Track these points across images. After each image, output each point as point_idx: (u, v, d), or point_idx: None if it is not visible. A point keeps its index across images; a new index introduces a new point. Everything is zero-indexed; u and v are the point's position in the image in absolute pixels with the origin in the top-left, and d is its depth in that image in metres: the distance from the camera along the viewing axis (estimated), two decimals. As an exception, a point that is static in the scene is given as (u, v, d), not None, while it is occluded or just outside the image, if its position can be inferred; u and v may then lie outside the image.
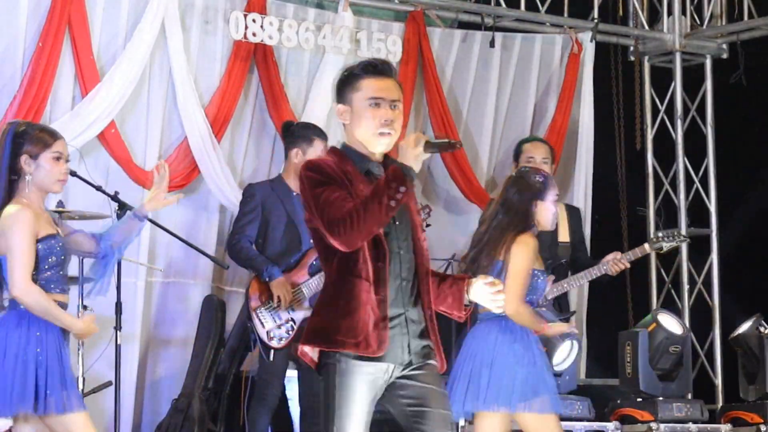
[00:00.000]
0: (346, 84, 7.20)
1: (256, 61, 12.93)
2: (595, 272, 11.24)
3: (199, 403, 11.65)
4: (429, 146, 6.96)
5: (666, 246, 11.94)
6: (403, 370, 7.09)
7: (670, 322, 12.45)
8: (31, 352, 8.11)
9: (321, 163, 7.14)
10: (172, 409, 11.87)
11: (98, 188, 10.45)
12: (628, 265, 11.26)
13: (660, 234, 11.83)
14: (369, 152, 7.17)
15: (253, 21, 12.93)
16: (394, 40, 13.60)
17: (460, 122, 13.84)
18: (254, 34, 12.91)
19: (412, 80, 13.62)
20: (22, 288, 8.04)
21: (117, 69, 12.37)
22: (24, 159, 8.18)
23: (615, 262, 11.09)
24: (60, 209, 10.35)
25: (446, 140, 7.26)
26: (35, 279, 8.06)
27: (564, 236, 12.15)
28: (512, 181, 9.68)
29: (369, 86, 7.13)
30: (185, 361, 12.20)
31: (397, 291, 7.10)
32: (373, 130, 7.08)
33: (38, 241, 8.09)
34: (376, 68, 7.23)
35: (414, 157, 6.90)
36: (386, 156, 7.17)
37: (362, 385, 7.00)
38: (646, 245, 11.55)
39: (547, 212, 9.46)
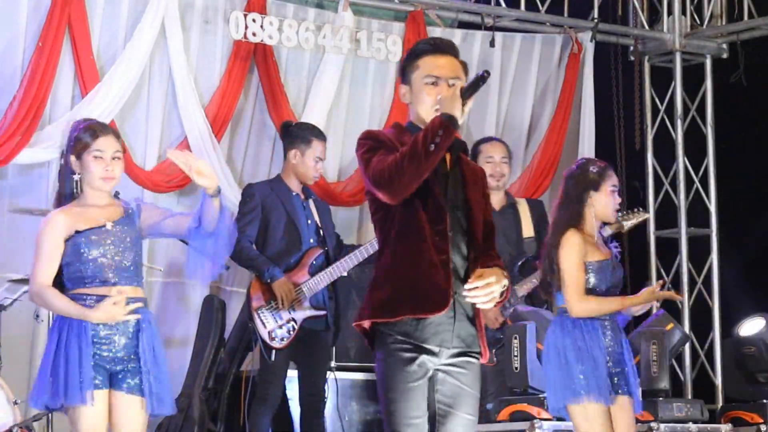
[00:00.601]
0: (407, 64, 7.24)
1: (256, 61, 12.89)
2: None
3: (199, 403, 11.60)
4: (464, 90, 6.93)
5: (627, 224, 11.89)
6: (449, 358, 7.04)
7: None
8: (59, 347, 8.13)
9: (375, 131, 7.29)
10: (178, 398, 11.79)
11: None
12: None
13: (621, 213, 11.71)
14: (424, 123, 7.10)
15: (253, 21, 12.91)
16: (394, 39, 13.56)
17: (464, 129, 13.61)
18: (254, 34, 12.90)
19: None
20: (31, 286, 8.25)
21: (117, 69, 12.36)
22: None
23: None
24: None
25: (475, 78, 7.07)
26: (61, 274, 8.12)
27: (528, 231, 12.14)
28: (569, 173, 9.66)
29: (426, 64, 7.14)
30: (185, 361, 12.14)
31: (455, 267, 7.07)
32: (430, 109, 7.04)
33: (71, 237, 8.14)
34: (435, 46, 7.26)
35: (454, 106, 6.87)
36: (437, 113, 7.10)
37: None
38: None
39: (604, 203, 9.38)
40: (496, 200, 11.87)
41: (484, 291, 6.84)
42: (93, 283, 8.08)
